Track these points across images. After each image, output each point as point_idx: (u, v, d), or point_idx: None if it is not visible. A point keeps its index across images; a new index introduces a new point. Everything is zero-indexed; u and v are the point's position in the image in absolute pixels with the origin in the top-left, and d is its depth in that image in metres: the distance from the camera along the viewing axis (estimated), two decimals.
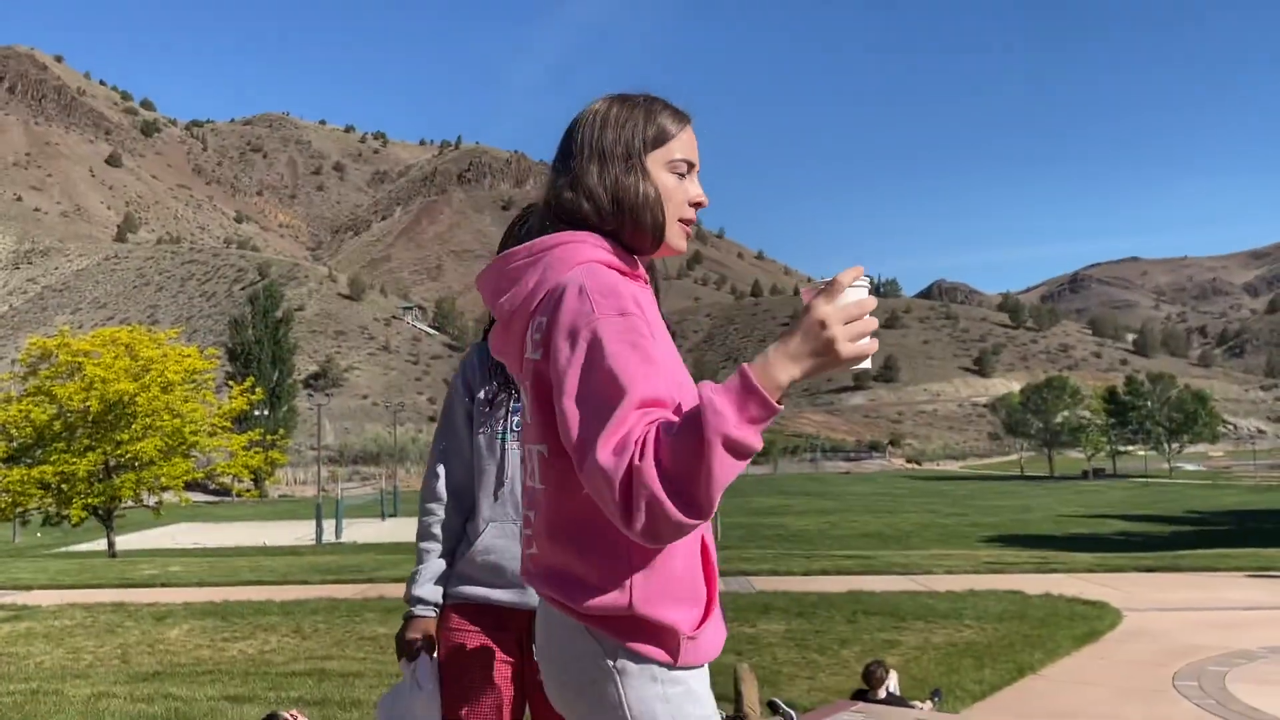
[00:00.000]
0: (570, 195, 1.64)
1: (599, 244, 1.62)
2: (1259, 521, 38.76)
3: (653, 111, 1.67)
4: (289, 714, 4.84)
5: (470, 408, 2.46)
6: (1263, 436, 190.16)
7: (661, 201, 1.64)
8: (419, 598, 2.41)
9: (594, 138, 1.65)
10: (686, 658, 1.54)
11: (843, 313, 1.39)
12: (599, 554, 1.52)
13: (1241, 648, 9.16)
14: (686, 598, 1.55)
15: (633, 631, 1.52)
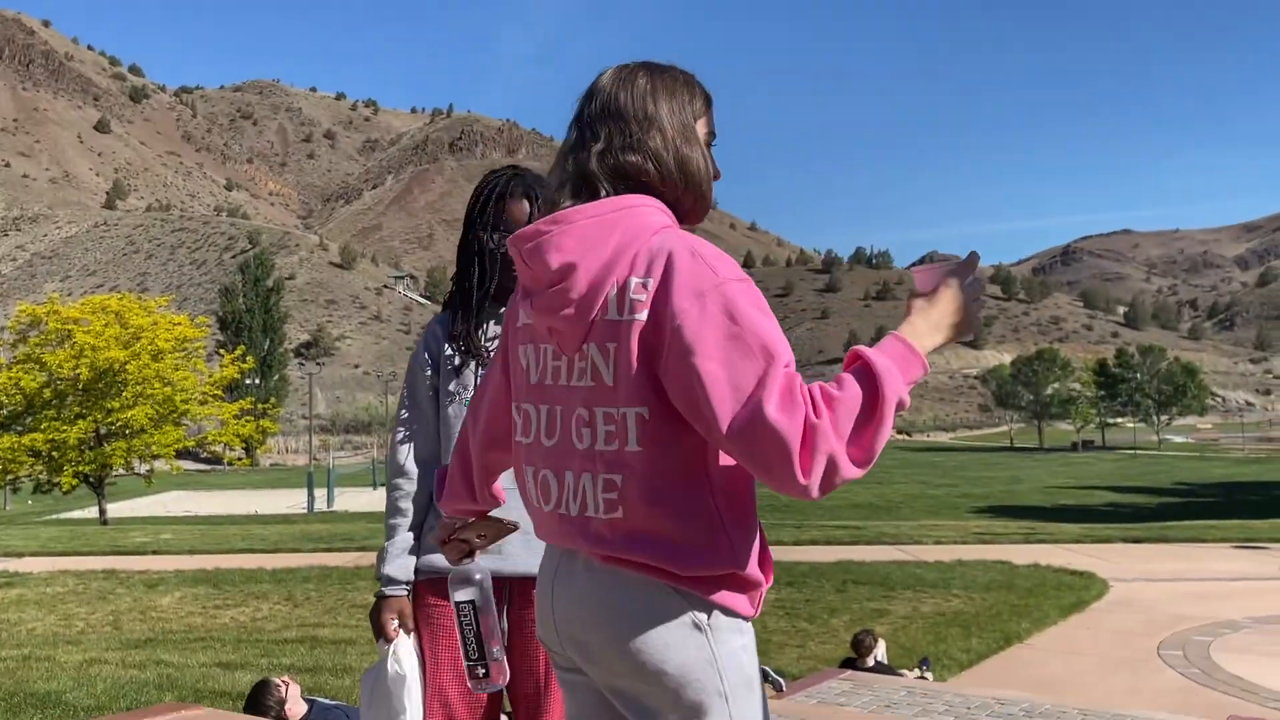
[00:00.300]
0: (635, 159, 1.63)
1: (665, 210, 1.63)
2: (1246, 493, 39.02)
3: (692, 85, 1.70)
4: (280, 680, 4.86)
5: (434, 380, 2.43)
6: (1251, 409, 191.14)
7: (709, 174, 1.69)
8: (391, 576, 2.36)
9: (650, 107, 1.65)
10: (758, 609, 1.64)
11: (976, 289, 1.60)
12: (697, 514, 1.55)
13: (1226, 618, 9.25)
14: (763, 553, 1.63)
15: (727, 587, 1.57)
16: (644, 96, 1.65)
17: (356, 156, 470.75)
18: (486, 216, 2.39)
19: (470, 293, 2.41)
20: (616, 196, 1.61)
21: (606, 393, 1.55)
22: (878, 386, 1.43)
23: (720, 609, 1.57)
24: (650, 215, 1.60)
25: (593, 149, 1.63)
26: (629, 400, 1.53)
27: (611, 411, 1.55)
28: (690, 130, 1.66)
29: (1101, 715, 5.42)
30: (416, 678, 2.32)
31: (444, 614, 2.36)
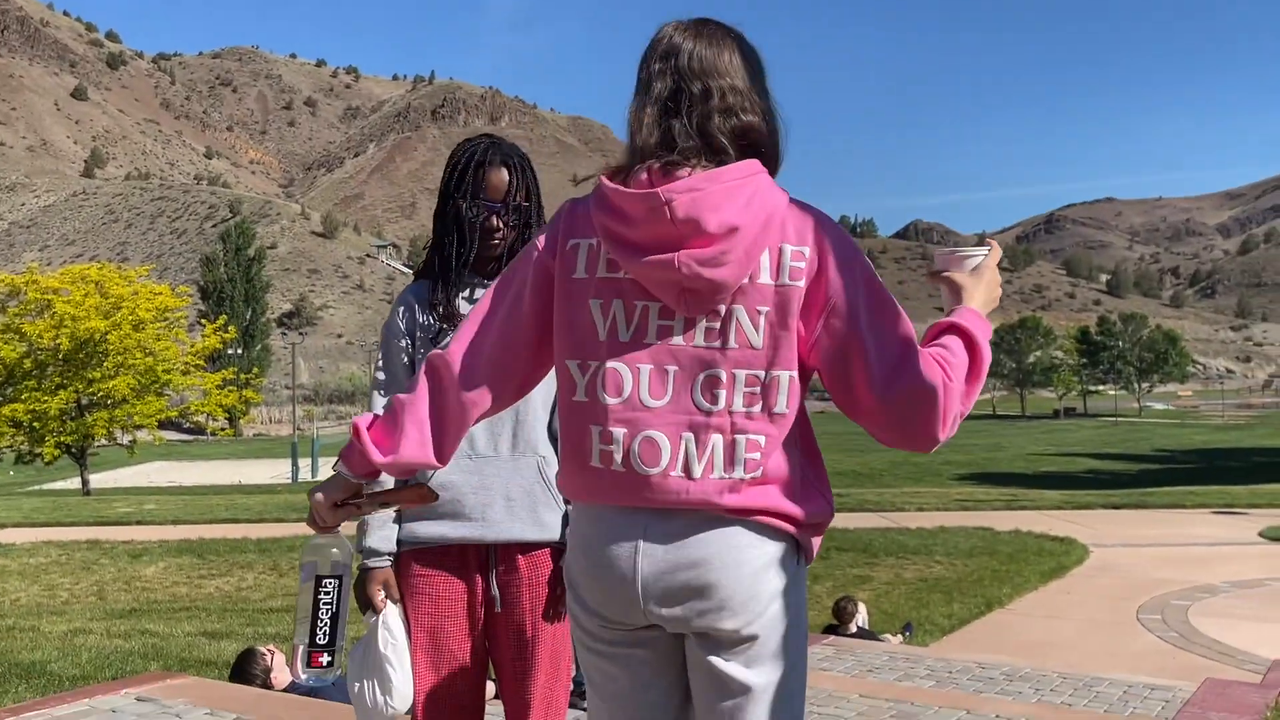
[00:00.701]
0: (753, 120, 1.65)
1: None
2: (1225, 460, 39.37)
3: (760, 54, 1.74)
4: (266, 649, 4.87)
5: (410, 350, 2.41)
6: (1231, 376, 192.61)
7: None
8: (374, 549, 2.34)
9: (750, 67, 1.68)
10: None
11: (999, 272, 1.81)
12: (813, 469, 1.68)
13: (1205, 582, 9.36)
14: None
15: (816, 535, 1.71)
16: (745, 57, 1.68)
17: (338, 124, 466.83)
18: (465, 185, 2.37)
19: (449, 261, 2.39)
20: (744, 161, 1.62)
21: (751, 355, 1.59)
22: (979, 353, 1.64)
23: (806, 556, 1.70)
24: (770, 181, 1.65)
25: (709, 106, 1.63)
26: (784, 363, 1.59)
27: (756, 374, 1.59)
28: (771, 95, 1.70)
29: (1081, 678, 5.49)
30: (407, 647, 2.33)
31: (428, 584, 2.35)
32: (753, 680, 1.62)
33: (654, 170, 1.62)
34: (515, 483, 2.34)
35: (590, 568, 1.67)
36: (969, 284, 1.75)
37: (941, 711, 4.46)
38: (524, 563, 2.36)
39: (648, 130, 1.65)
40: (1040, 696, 5.10)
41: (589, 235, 1.66)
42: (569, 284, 1.67)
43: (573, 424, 1.68)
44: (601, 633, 1.70)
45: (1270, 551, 11.29)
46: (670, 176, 1.61)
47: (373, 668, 2.32)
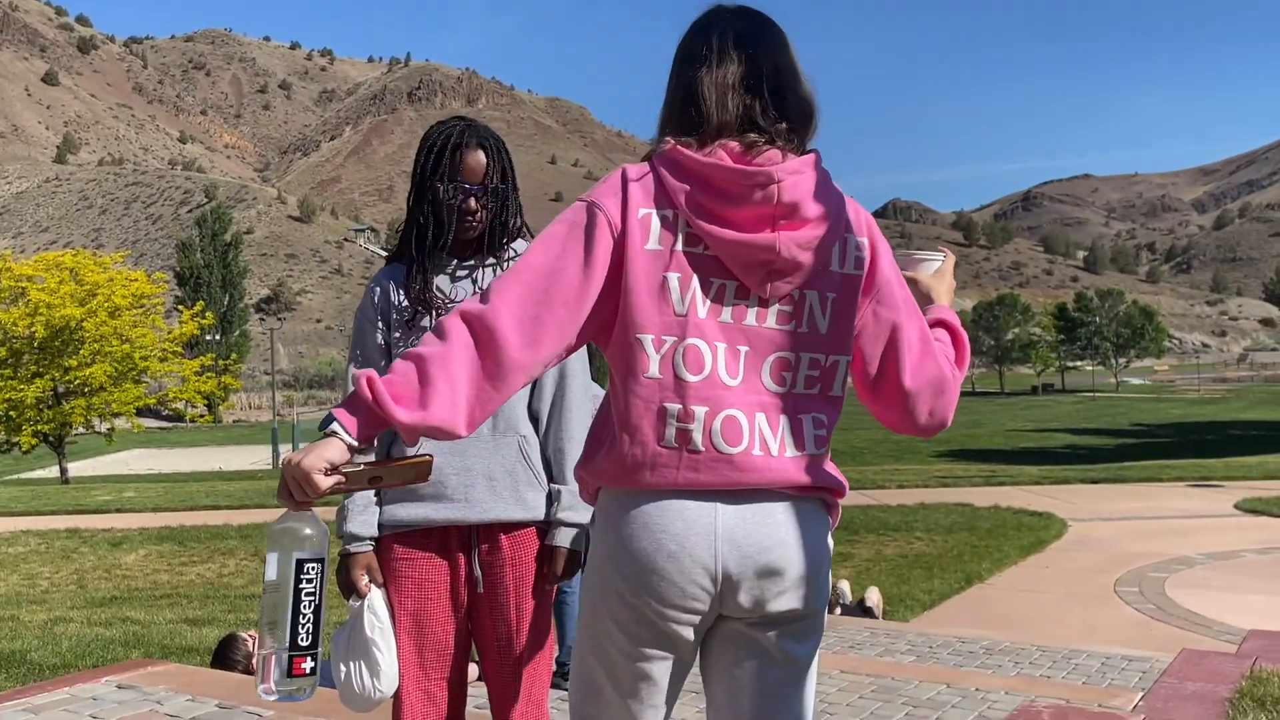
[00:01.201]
0: (806, 106, 1.69)
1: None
2: (1201, 433, 39.73)
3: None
4: (248, 634, 4.87)
5: (385, 334, 2.39)
6: (1206, 350, 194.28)
7: None
8: (354, 534, 2.33)
9: (788, 51, 1.70)
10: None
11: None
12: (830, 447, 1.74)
13: (1181, 554, 9.45)
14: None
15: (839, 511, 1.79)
16: (785, 41, 1.71)
17: (313, 108, 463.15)
18: (441, 167, 2.35)
19: (425, 244, 2.38)
20: (812, 153, 1.67)
21: (819, 339, 1.65)
22: (964, 345, 1.82)
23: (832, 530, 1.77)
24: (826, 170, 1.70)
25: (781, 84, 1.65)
26: (841, 349, 1.67)
27: (819, 357, 1.65)
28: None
29: (1059, 651, 5.54)
30: (392, 631, 2.33)
31: (411, 567, 2.35)
32: (801, 653, 1.68)
33: (732, 148, 1.60)
34: (497, 463, 2.34)
35: (655, 553, 1.59)
36: (934, 284, 1.93)
37: (922, 685, 4.50)
38: (507, 542, 2.36)
39: (720, 105, 1.62)
40: (1020, 669, 5.15)
41: (664, 206, 1.60)
42: (642, 255, 1.59)
43: (638, 402, 1.60)
44: (640, 628, 1.63)
45: (1245, 523, 11.40)
46: (755, 155, 1.60)
47: (359, 652, 2.32)
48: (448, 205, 2.35)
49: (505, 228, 2.42)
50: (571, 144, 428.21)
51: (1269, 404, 63.96)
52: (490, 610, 2.37)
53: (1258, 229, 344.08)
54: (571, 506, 2.35)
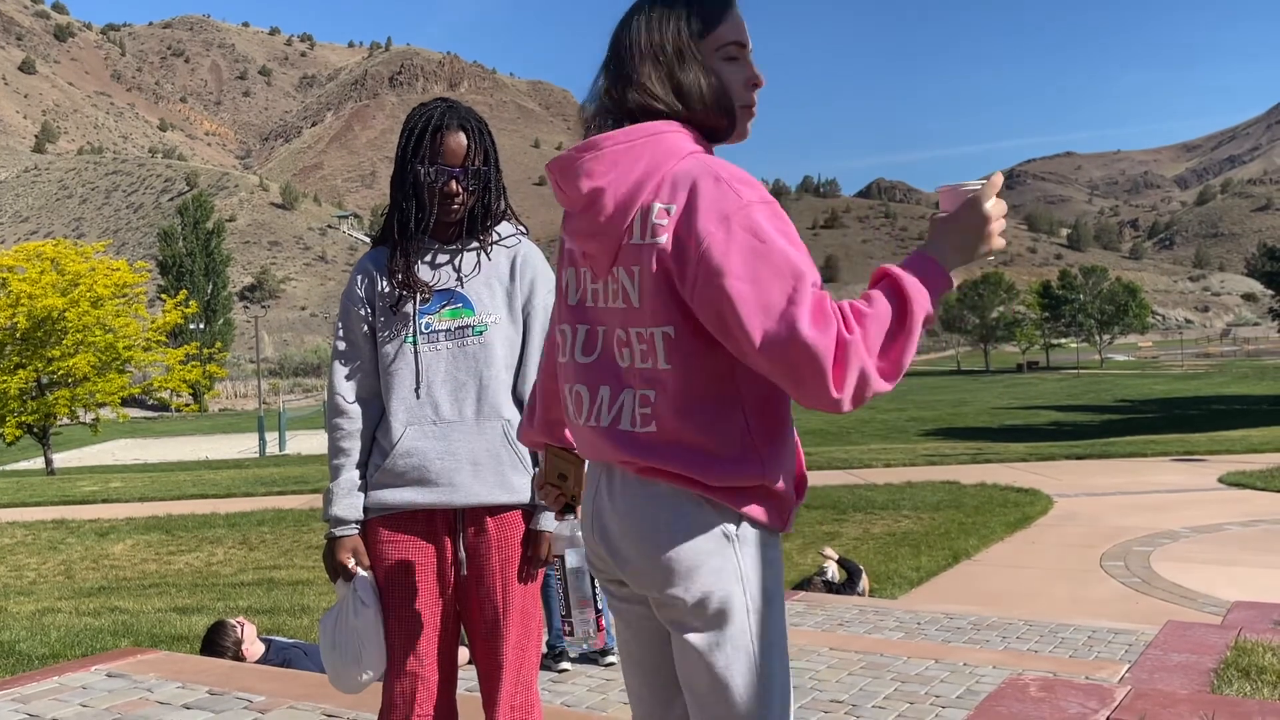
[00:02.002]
0: (635, 96, 1.66)
1: (693, 136, 1.66)
2: (1185, 408, 39.98)
3: (692, 3, 1.68)
4: (236, 621, 4.86)
5: (370, 318, 2.39)
6: (1190, 326, 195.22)
7: (726, 89, 1.68)
8: (340, 517, 2.34)
9: (640, 39, 1.67)
10: (788, 524, 1.68)
11: (998, 209, 1.59)
12: (728, 428, 1.61)
13: (1166, 528, 9.53)
14: (793, 469, 1.69)
15: (757, 500, 1.63)
16: (637, 30, 1.68)
17: (294, 93, 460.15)
18: (423, 150, 2.34)
19: (408, 227, 2.36)
20: (646, 123, 1.63)
21: (636, 313, 1.63)
22: (906, 302, 1.49)
23: (749, 521, 1.63)
24: (678, 141, 1.63)
25: (603, 87, 1.69)
26: (655, 320, 1.60)
27: (642, 331, 1.62)
28: (685, 52, 1.65)
29: (1046, 625, 5.59)
30: (379, 614, 2.34)
31: (397, 549, 2.35)
32: (694, 644, 1.61)
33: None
34: (481, 447, 2.34)
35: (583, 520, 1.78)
36: (938, 226, 1.60)
37: (910, 661, 4.53)
38: (493, 525, 2.37)
39: (589, 92, 1.72)
40: (1007, 644, 5.19)
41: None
42: (560, 254, 1.80)
43: (561, 384, 1.79)
44: (604, 582, 1.79)
45: (1228, 497, 11.50)
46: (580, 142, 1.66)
47: (347, 635, 2.33)
48: (429, 188, 2.34)
49: (488, 210, 2.41)
50: (555, 127, 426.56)
51: (1252, 379, 64.39)
52: (477, 593, 2.37)
53: (1239, 204, 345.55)
54: None
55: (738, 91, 1.68)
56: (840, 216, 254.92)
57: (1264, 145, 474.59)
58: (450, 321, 2.36)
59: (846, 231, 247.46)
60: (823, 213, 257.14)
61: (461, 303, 2.37)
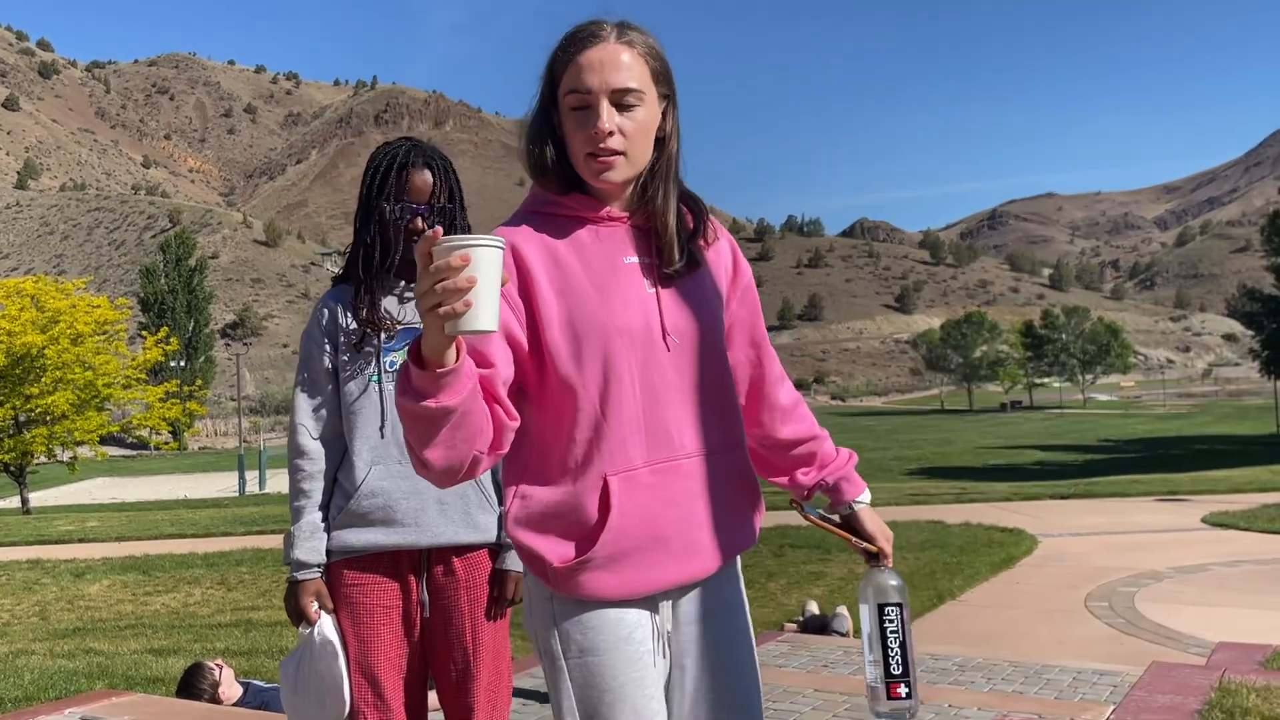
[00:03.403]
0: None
1: (532, 196, 1.71)
2: (1167, 448, 40.16)
3: (558, 46, 1.65)
4: (214, 664, 4.79)
5: (332, 357, 2.36)
6: (1172, 366, 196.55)
7: (548, 148, 1.65)
8: (302, 560, 2.30)
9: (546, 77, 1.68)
10: (562, 587, 1.62)
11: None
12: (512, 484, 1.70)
13: (1149, 568, 9.52)
14: (554, 531, 1.63)
15: (524, 558, 1.68)
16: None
17: (279, 131, 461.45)
18: (388, 187, 2.33)
19: (373, 264, 2.35)
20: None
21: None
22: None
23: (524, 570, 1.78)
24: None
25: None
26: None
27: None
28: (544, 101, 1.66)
29: (1031, 666, 5.55)
30: (343, 658, 2.29)
31: (361, 592, 2.31)
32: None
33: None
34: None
35: None
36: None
37: None
38: (460, 565, 2.34)
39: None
40: (992, 685, 5.15)
41: None
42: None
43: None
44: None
45: (1212, 537, 11.51)
46: None
47: (309, 680, 2.28)
48: (394, 225, 2.33)
49: None
50: None
51: (1234, 419, 64.80)
52: (445, 635, 2.34)
53: (1219, 245, 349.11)
54: None
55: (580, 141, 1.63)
56: (824, 255, 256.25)
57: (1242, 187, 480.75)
58: None
59: (830, 270, 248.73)
60: (806, 252, 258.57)
61: None
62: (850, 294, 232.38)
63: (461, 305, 1.32)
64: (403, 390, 1.41)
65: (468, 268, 1.32)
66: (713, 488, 1.69)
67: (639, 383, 1.62)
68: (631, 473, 1.61)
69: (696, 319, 1.69)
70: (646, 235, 1.70)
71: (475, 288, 1.33)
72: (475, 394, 1.44)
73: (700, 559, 1.68)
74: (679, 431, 1.65)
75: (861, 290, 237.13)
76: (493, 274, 1.34)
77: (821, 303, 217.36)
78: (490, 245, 1.34)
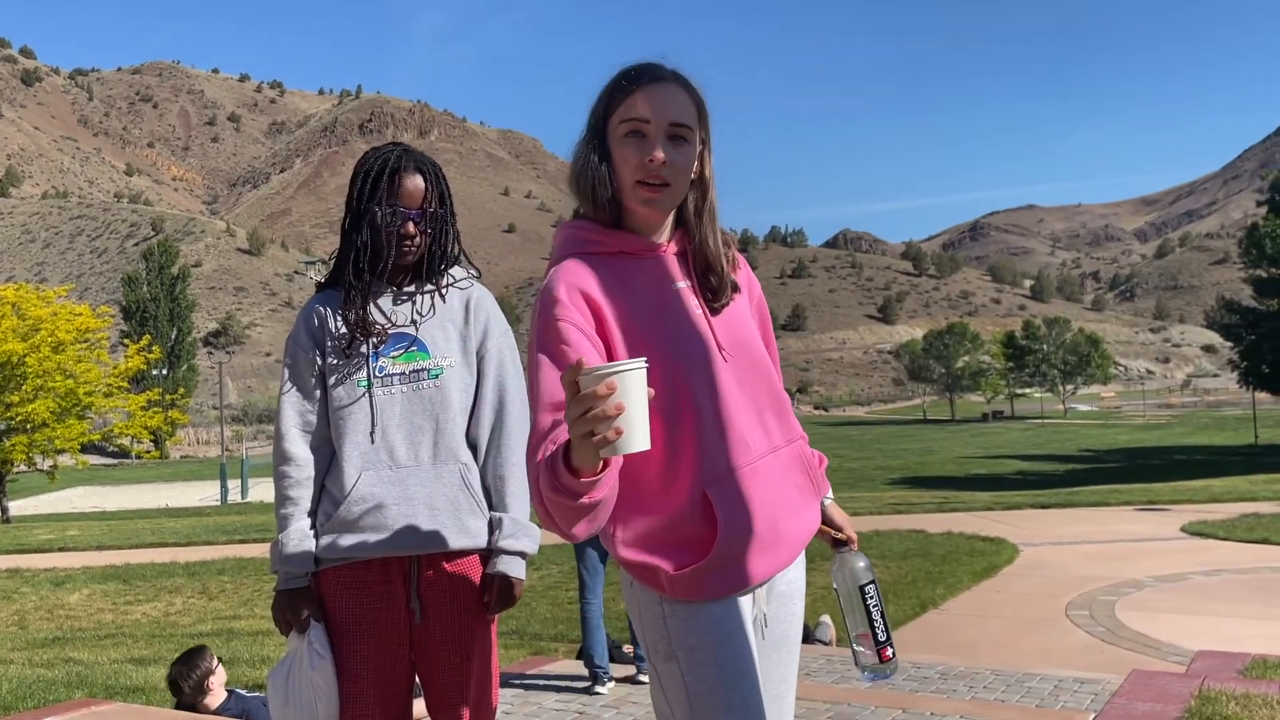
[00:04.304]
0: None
1: (575, 225, 1.80)
2: (1147, 458, 40.39)
3: (612, 80, 1.75)
4: (216, 656, 4.74)
5: (320, 364, 2.34)
6: (1151, 377, 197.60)
7: (602, 169, 1.74)
8: (291, 569, 2.27)
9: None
10: (678, 591, 1.73)
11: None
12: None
13: (1130, 577, 9.57)
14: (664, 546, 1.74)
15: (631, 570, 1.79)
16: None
17: (263, 139, 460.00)
18: (379, 192, 2.32)
19: (363, 270, 2.33)
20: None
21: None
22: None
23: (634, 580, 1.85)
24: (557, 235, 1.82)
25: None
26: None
27: None
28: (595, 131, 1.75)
29: (1013, 674, 5.58)
30: (332, 666, 2.27)
31: (351, 600, 2.29)
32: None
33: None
34: (438, 491, 2.30)
35: None
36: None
37: (878, 711, 4.51)
38: (451, 570, 2.32)
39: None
40: (974, 694, 5.17)
41: None
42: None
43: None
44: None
45: (1191, 546, 11.57)
46: None
47: (298, 689, 2.27)
48: (386, 230, 2.32)
49: (443, 253, 2.39)
50: (524, 175, 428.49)
51: (1212, 429, 65.20)
52: (435, 639, 2.32)
53: (1198, 258, 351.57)
54: (512, 534, 2.33)
55: (631, 169, 1.73)
56: (807, 266, 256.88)
57: (1221, 200, 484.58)
58: (405, 365, 2.33)
59: (814, 281, 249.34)
60: (790, 262, 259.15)
61: (416, 346, 2.34)
62: (833, 304, 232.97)
63: (613, 434, 1.35)
64: (552, 488, 1.48)
65: (615, 395, 1.34)
66: (784, 481, 1.82)
67: (709, 398, 1.73)
68: (721, 481, 1.73)
69: (744, 332, 1.84)
70: (684, 259, 1.84)
71: (625, 413, 1.35)
72: (616, 479, 1.53)
73: (787, 548, 1.81)
74: (750, 436, 1.77)
75: (845, 300, 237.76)
76: (639, 394, 1.37)
77: (805, 313, 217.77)
78: (635, 369, 1.37)
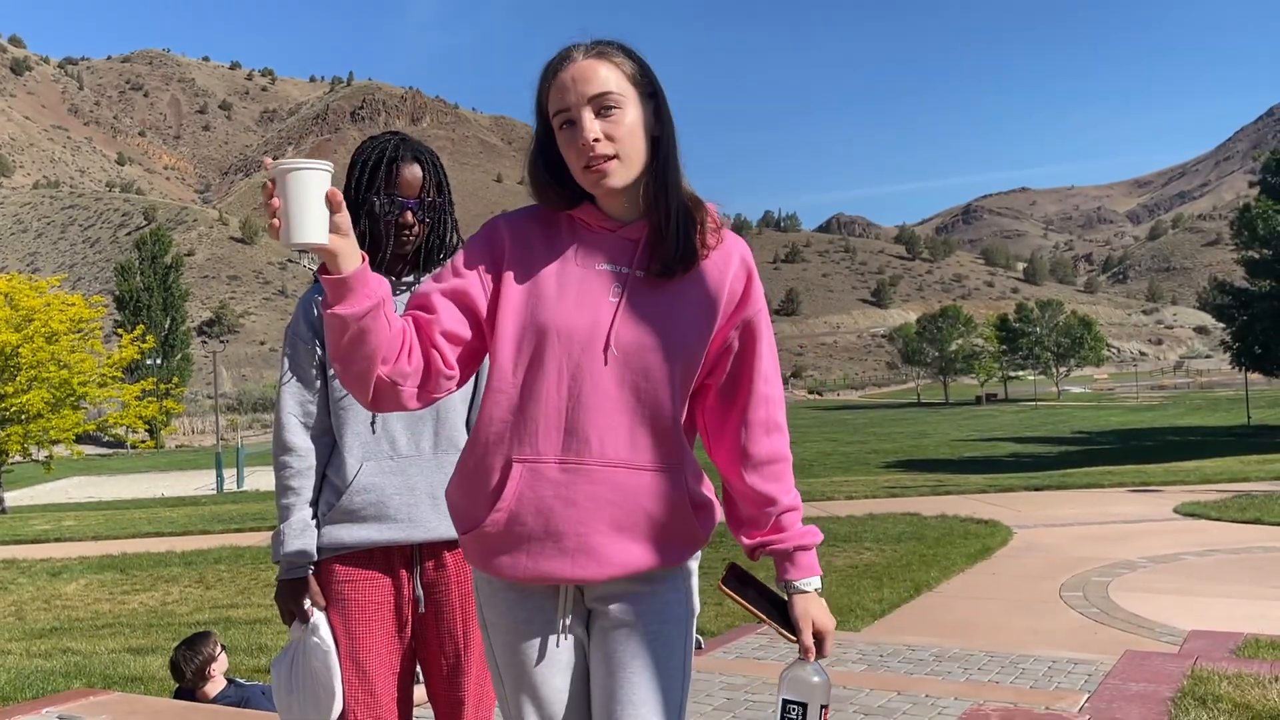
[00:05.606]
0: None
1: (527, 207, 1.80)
2: (1140, 439, 40.51)
3: (540, 78, 1.72)
4: (221, 643, 4.76)
5: (320, 353, 2.34)
6: (1144, 358, 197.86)
7: (538, 165, 1.75)
8: (294, 559, 2.29)
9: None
10: (470, 556, 1.77)
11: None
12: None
13: (1123, 558, 9.62)
14: (466, 497, 1.75)
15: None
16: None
17: (254, 128, 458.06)
18: (377, 181, 2.31)
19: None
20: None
21: None
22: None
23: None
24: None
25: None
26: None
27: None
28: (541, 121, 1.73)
29: (1007, 656, 5.61)
30: (335, 656, 2.28)
31: (353, 589, 2.31)
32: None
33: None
34: (440, 480, 2.31)
35: None
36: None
37: (873, 694, 4.54)
38: (452, 560, 2.34)
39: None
40: (968, 675, 5.20)
41: None
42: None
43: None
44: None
45: (1184, 526, 11.63)
46: None
47: (302, 678, 2.28)
48: (384, 220, 2.32)
49: (442, 242, 2.40)
50: (517, 162, 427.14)
51: (1205, 410, 65.39)
52: (437, 630, 2.34)
53: (1190, 239, 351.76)
54: None
55: (574, 155, 1.68)
56: (801, 251, 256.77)
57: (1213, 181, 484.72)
58: None
59: (807, 265, 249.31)
60: (783, 247, 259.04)
61: None
62: (827, 289, 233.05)
63: (277, 222, 1.48)
64: (323, 306, 1.57)
65: (275, 190, 1.48)
66: (628, 500, 1.67)
67: (566, 384, 1.66)
68: (538, 465, 1.67)
69: (657, 336, 1.67)
70: (635, 246, 1.71)
71: (283, 206, 1.47)
72: (375, 316, 1.54)
73: (594, 564, 1.67)
74: (601, 439, 1.65)
75: (838, 285, 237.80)
76: (299, 194, 1.47)
77: (798, 297, 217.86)
78: (297, 169, 1.47)
